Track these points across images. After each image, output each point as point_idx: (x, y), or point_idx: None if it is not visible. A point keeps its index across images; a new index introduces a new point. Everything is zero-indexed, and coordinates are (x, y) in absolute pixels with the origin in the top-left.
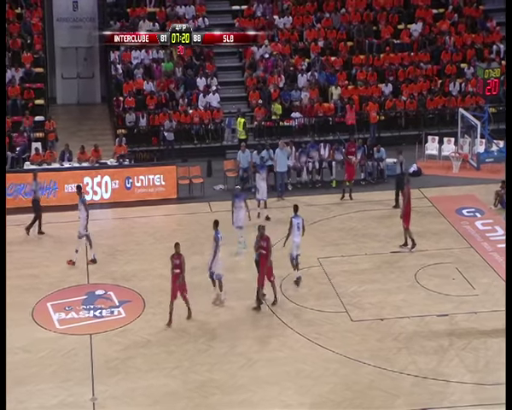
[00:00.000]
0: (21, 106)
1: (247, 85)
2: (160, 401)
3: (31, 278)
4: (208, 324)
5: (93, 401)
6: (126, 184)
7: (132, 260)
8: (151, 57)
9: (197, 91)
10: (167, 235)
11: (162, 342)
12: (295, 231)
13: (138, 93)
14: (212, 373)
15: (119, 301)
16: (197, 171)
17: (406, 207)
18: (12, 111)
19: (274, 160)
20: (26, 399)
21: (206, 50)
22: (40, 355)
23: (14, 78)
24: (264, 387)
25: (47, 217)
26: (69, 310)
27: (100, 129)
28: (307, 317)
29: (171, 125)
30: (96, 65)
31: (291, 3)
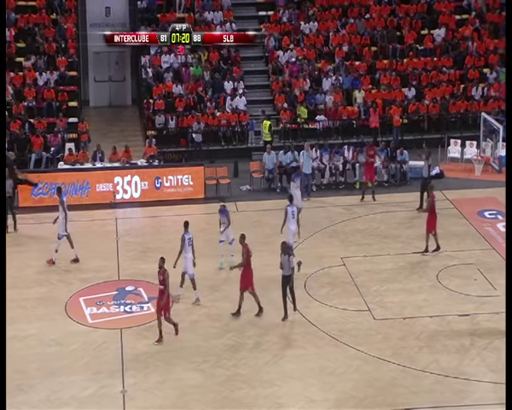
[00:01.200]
0: (56, 108)
1: (273, 89)
2: (188, 393)
3: (64, 273)
4: (235, 321)
5: (123, 393)
6: (156, 183)
7: (155, 257)
8: (180, 61)
9: (224, 95)
10: (195, 234)
11: (191, 337)
12: (290, 219)
13: (168, 96)
14: (238, 368)
15: (148, 296)
16: (224, 172)
17: (431, 215)
18: (47, 113)
19: (299, 162)
20: (59, 390)
21: (233, 55)
22: (72, 348)
23: (49, 81)
24: (288, 382)
25: (80, 215)
26: (100, 305)
27: (130, 130)
28: (331, 315)
29: (200, 127)
30: (127, 68)
31: (316, 9)
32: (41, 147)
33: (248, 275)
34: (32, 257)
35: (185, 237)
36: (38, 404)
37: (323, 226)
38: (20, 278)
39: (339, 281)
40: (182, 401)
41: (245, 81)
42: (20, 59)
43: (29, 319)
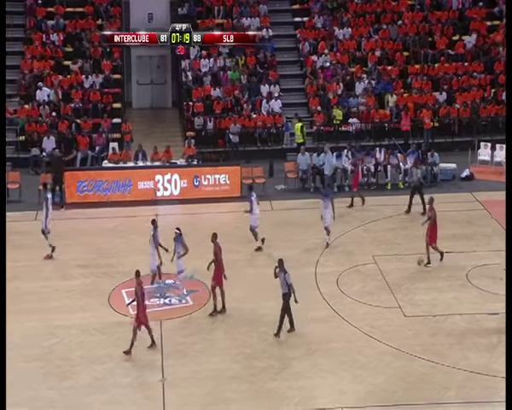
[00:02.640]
0: (101, 109)
1: (308, 92)
2: (223, 383)
3: (108, 266)
4: (269, 315)
5: (162, 382)
6: (194, 182)
7: (199, 252)
8: (218, 65)
9: (261, 97)
10: (231, 231)
11: (226, 329)
12: (254, 205)
13: (206, 98)
14: (272, 360)
15: (187, 290)
16: (260, 171)
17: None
18: (92, 114)
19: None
20: (102, 377)
21: (269, 59)
22: (115, 337)
23: (94, 83)
24: (321, 375)
25: (122, 211)
26: None
27: (171, 131)
28: (362, 311)
29: (237, 129)
30: (168, 72)
31: (350, 16)
32: (87, 146)
33: (219, 272)
34: (77, 250)
35: (153, 235)
36: (82, 390)
37: (355, 226)
38: (65, 271)
39: (370, 279)
40: (218, 390)
41: (280, 85)
42: (67, 62)
43: (74, 309)
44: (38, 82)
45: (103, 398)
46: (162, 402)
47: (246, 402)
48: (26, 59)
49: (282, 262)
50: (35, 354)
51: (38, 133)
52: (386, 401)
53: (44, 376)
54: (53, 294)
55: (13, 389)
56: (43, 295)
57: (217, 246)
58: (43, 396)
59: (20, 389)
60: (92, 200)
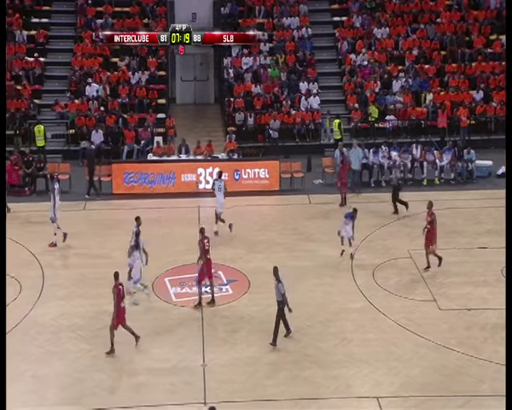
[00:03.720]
0: (146, 105)
1: (346, 90)
2: (261, 370)
3: (151, 254)
4: (306, 305)
5: (203, 367)
6: (235, 176)
7: (239, 244)
8: (259, 63)
9: (299, 94)
10: (270, 223)
11: (265, 318)
12: (217, 192)
13: (247, 95)
14: (308, 349)
15: (227, 279)
16: (298, 166)
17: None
18: (138, 109)
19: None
20: (144, 360)
21: (308, 57)
22: (158, 323)
23: (140, 80)
24: (356, 365)
25: (166, 203)
26: (184, 285)
27: (213, 126)
28: (398, 304)
29: (276, 125)
30: (210, 69)
31: (388, 15)
32: (133, 140)
33: (207, 266)
34: (122, 240)
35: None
36: (127, 372)
37: (392, 220)
38: (111, 259)
39: (406, 272)
40: (256, 377)
41: (319, 82)
42: (115, 59)
43: None
44: (88, 78)
45: (147, 380)
46: (203, 387)
47: (283, 389)
48: (77, 56)
49: (277, 271)
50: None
51: (87, 127)
52: (421, 393)
53: (92, 358)
54: (101, 280)
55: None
56: (94, 281)
57: (201, 242)
58: (90, 377)
59: (68, 370)
60: (138, 191)
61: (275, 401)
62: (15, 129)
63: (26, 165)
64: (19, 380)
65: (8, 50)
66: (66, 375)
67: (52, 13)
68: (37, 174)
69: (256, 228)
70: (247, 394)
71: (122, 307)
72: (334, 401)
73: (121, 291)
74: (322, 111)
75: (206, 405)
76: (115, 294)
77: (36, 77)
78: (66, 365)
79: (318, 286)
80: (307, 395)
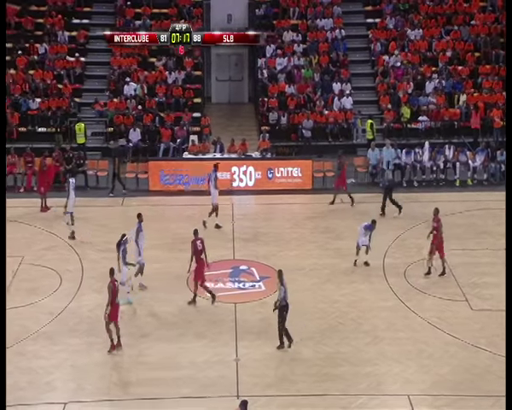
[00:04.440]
0: (182, 104)
1: (378, 90)
2: (294, 366)
3: (185, 251)
4: (338, 302)
5: (236, 361)
6: (268, 174)
7: (272, 241)
8: (293, 64)
9: (333, 95)
10: (302, 221)
11: (297, 315)
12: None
13: (281, 95)
14: (340, 347)
15: (259, 276)
16: (330, 165)
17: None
18: (175, 108)
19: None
20: (179, 354)
21: (342, 58)
22: (192, 317)
23: (177, 79)
24: (388, 363)
25: (201, 200)
26: (217, 281)
27: (247, 125)
28: (429, 303)
29: (309, 124)
30: (245, 70)
31: (422, 17)
32: (169, 138)
33: (199, 268)
34: (156, 237)
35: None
36: (162, 365)
37: (424, 220)
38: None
39: (437, 272)
40: (288, 372)
41: (352, 83)
42: (152, 60)
43: (154, 289)
44: (126, 77)
45: (180, 373)
46: (236, 381)
47: (315, 385)
48: (116, 56)
49: (282, 274)
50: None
51: (125, 125)
52: (452, 392)
53: (127, 350)
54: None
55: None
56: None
57: (193, 243)
58: (126, 368)
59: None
60: (173, 189)
61: (306, 397)
62: (57, 127)
63: (66, 161)
64: (58, 369)
65: (50, 50)
66: (103, 365)
67: (92, 14)
68: (77, 170)
69: (288, 226)
70: (279, 389)
71: (116, 304)
72: (366, 398)
73: (116, 287)
74: (354, 111)
75: (238, 398)
76: (110, 290)
77: (76, 76)
78: (104, 356)
79: (349, 284)
80: (338, 392)
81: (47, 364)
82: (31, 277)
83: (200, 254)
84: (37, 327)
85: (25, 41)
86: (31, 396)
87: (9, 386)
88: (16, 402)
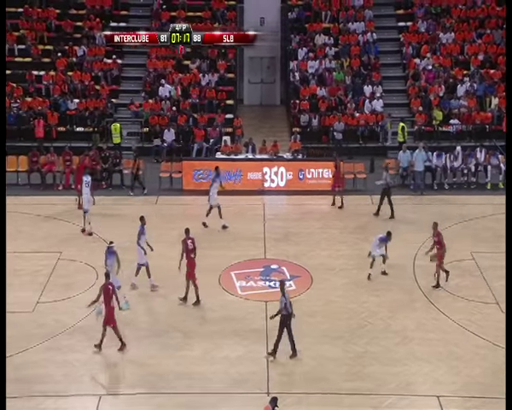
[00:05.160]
0: (215, 105)
1: (409, 93)
2: (324, 364)
3: (220, 249)
4: (368, 302)
5: (267, 359)
6: (299, 175)
7: (302, 241)
8: (324, 66)
9: (364, 97)
10: (332, 222)
11: (327, 314)
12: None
13: (312, 97)
14: (370, 346)
15: (290, 275)
16: (361, 167)
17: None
18: (208, 109)
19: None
20: (213, 349)
21: (373, 61)
22: (224, 315)
23: (210, 81)
24: (417, 363)
25: (233, 200)
26: (249, 279)
27: (278, 127)
28: (459, 305)
29: (340, 126)
30: (277, 72)
31: (454, 21)
32: (202, 138)
33: (190, 266)
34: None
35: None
36: (195, 360)
37: (455, 222)
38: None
39: (468, 274)
40: (318, 370)
41: (383, 85)
42: (187, 62)
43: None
44: (161, 79)
45: (213, 369)
46: (266, 378)
47: (345, 384)
48: (151, 58)
49: (283, 285)
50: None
51: (160, 125)
52: (482, 394)
53: (161, 344)
54: (169, 272)
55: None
56: (161, 271)
57: (184, 242)
58: (159, 362)
59: (141, 355)
60: (206, 188)
61: (336, 395)
62: (94, 126)
63: (103, 160)
64: (93, 363)
65: (88, 53)
66: (137, 360)
67: (129, 17)
68: (113, 169)
69: (318, 226)
70: (309, 387)
71: (111, 307)
72: (395, 398)
73: (110, 291)
74: (385, 114)
75: (269, 395)
76: (104, 293)
77: (113, 78)
78: (139, 350)
79: (379, 284)
80: (368, 391)
81: (82, 357)
82: (68, 272)
83: (191, 253)
84: (72, 322)
85: (64, 43)
86: (67, 389)
87: (46, 379)
88: (55, 394)
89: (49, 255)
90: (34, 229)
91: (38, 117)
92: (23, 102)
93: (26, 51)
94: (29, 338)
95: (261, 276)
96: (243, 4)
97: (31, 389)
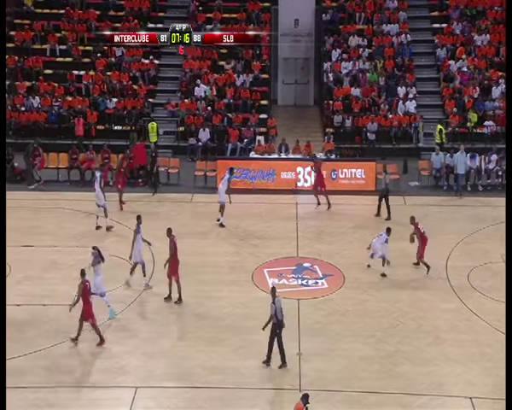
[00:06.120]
0: (250, 105)
1: (444, 95)
2: (355, 363)
3: (252, 247)
4: (399, 301)
5: (299, 356)
6: (332, 175)
7: (335, 240)
8: (358, 68)
9: (397, 98)
10: (365, 222)
11: (359, 313)
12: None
13: (346, 98)
14: (402, 345)
15: (322, 273)
16: (394, 168)
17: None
18: (242, 109)
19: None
20: (245, 345)
21: (407, 63)
22: (257, 312)
23: (245, 82)
24: (450, 364)
25: (266, 198)
26: (281, 277)
27: (312, 127)
28: (491, 306)
29: (373, 127)
30: (310, 73)
31: (489, 23)
32: (236, 138)
33: (174, 264)
34: (226, 231)
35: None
36: (228, 355)
37: (489, 224)
38: (216, 248)
39: (500, 276)
40: (350, 369)
41: (417, 87)
42: (222, 63)
43: (222, 283)
44: (197, 80)
45: (246, 364)
46: (298, 374)
47: (377, 382)
48: (187, 59)
49: (275, 291)
50: (188, 321)
51: (195, 125)
52: None
53: (195, 339)
54: (203, 268)
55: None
56: (196, 268)
57: (172, 241)
58: (193, 356)
59: (173, 349)
60: (240, 186)
61: (367, 394)
62: (131, 125)
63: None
64: (130, 355)
65: (126, 53)
66: (172, 353)
67: (166, 19)
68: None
69: (351, 226)
70: (340, 384)
71: (89, 303)
72: (427, 398)
73: (88, 288)
74: (419, 115)
75: (300, 392)
76: (81, 290)
77: (151, 78)
78: (173, 344)
79: (411, 284)
80: (400, 390)
81: (120, 350)
82: (105, 266)
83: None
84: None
85: (103, 44)
86: (105, 380)
87: (86, 370)
88: (93, 385)
89: (87, 250)
90: (74, 224)
91: (78, 116)
92: (64, 101)
93: (67, 52)
94: (68, 330)
95: (293, 274)
96: (278, 6)
97: (68, 379)
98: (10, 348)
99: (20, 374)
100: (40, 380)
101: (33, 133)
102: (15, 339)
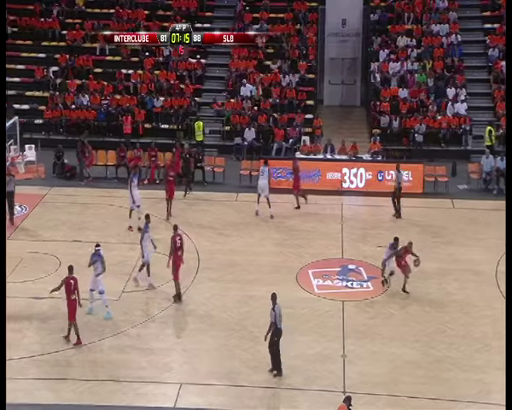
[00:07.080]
0: (295, 105)
1: (495, 97)
2: (400, 367)
3: (296, 247)
4: (447, 306)
5: (343, 358)
6: (378, 176)
7: (380, 242)
8: (406, 68)
9: (446, 100)
10: (411, 225)
11: (405, 316)
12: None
13: (393, 99)
14: (449, 351)
15: (367, 275)
16: (442, 170)
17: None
18: (288, 109)
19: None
20: (290, 345)
21: (457, 64)
22: (301, 312)
23: (291, 82)
24: (497, 372)
25: (311, 199)
26: (326, 278)
27: (358, 128)
28: None
29: (422, 129)
30: (357, 73)
31: None
32: (282, 138)
33: (175, 263)
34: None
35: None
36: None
37: None
38: (259, 248)
39: None
40: (395, 373)
41: (467, 88)
42: (268, 62)
43: (265, 282)
44: (243, 79)
45: (290, 364)
46: (342, 376)
47: (422, 387)
48: (234, 59)
49: (275, 297)
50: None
51: (241, 124)
52: None
53: (240, 339)
54: (249, 267)
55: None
56: (243, 267)
57: (173, 239)
58: (238, 356)
59: (218, 347)
60: (284, 186)
61: (413, 399)
62: (178, 124)
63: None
64: (174, 352)
65: (173, 53)
66: (215, 351)
67: (213, 19)
68: (196, 166)
69: (396, 228)
70: (385, 388)
71: (72, 301)
72: (475, 405)
73: (72, 285)
74: (469, 117)
75: (344, 394)
76: (66, 287)
77: (197, 77)
78: (217, 342)
79: (459, 290)
80: (446, 397)
81: (164, 346)
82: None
83: (178, 251)
84: (155, 311)
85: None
86: (150, 375)
87: (130, 364)
88: (138, 380)
89: (134, 247)
90: (121, 221)
91: (126, 114)
92: (112, 99)
93: (116, 51)
94: (115, 325)
95: (338, 275)
96: (325, 6)
97: (116, 373)
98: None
99: (69, 366)
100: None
101: (83, 131)
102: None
